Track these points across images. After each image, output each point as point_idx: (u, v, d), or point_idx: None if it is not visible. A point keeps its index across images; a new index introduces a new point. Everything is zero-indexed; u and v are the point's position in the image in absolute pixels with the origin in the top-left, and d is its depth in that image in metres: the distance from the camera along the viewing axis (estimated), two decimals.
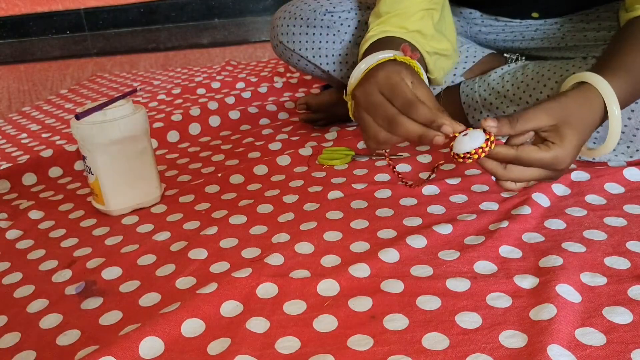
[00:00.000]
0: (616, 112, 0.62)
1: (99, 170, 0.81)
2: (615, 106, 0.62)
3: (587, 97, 0.62)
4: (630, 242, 0.63)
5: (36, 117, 1.47)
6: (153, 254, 0.71)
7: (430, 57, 0.81)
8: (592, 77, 0.62)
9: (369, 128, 0.62)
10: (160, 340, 0.53)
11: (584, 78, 0.63)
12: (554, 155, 0.59)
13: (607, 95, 0.61)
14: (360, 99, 0.62)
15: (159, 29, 3.01)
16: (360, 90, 0.63)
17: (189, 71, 1.85)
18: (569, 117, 0.59)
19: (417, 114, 0.58)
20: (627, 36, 0.69)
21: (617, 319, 0.51)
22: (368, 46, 0.79)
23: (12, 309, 0.63)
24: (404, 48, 0.67)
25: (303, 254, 0.67)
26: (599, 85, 0.62)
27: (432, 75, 0.84)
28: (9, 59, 2.64)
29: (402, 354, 0.49)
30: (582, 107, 0.61)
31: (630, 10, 0.71)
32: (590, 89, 0.62)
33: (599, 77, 0.62)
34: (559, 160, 0.59)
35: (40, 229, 0.82)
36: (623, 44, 0.68)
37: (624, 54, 0.66)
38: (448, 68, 0.90)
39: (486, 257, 0.62)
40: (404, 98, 0.59)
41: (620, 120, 0.62)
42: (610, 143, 0.65)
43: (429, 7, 0.82)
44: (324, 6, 1.02)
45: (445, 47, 0.85)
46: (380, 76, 0.61)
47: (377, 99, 0.61)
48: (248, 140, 1.10)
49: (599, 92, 0.62)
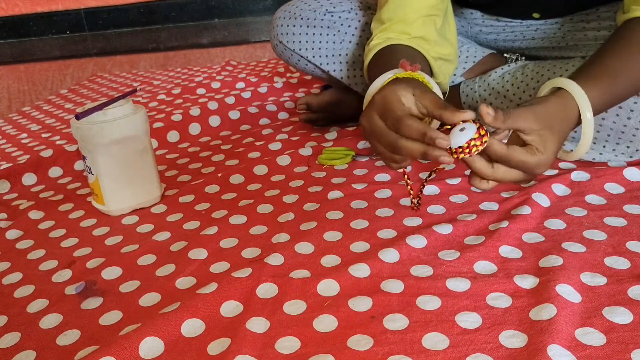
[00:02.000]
0: (588, 116, 0.63)
1: (99, 170, 0.81)
2: (587, 111, 0.63)
3: (565, 103, 0.63)
4: (630, 242, 0.63)
5: (36, 117, 1.47)
6: (153, 254, 0.71)
7: (435, 62, 0.82)
8: (566, 83, 0.64)
9: (381, 153, 0.62)
10: (160, 340, 0.53)
11: (559, 84, 0.65)
12: (538, 160, 0.59)
13: (581, 101, 0.62)
14: (365, 126, 0.62)
15: (159, 29, 3.01)
16: (363, 119, 0.63)
17: (189, 71, 1.85)
18: (552, 123, 0.60)
19: (408, 131, 0.57)
20: (618, 39, 0.70)
21: (617, 319, 0.51)
22: (372, 56, 0.79)
23: (12, 309, 0.63)
24: (402, 64, 0.66)
25: (303, 254, 0.67)
26: (572, 91, 0.63)
27: (438, 79, 0.84)
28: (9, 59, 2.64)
29: (402, 354, 0.49)
30: (560, 112, 0.62)
31: (627, 12, 0.71)
32: (567, 95, 0.63)
33: (572, 83, 0.63)
34: (540, 165, 0.60)
35: (40, 229, 0.82)
36: (612, 47, 0.69)
37: (609, 58, 0.67)
38: (451, 72, 0.91)
39: (486, 257, 0.62)
40: (393, 118, 0.58)
41: (592, 125, 0.63)
42: (584, 147, 0.65)
43: (431, 14, 0.82)
44: (324, 6, 1.02)
45: (449, 52, 0.85)
46: (377, 100, 0.61)
47: (376, 126, 0.61)
48: (248, 140, 1.10)
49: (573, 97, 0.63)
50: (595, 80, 0.65)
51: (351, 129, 1.07)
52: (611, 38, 0.71)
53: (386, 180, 0.85)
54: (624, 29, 0.71)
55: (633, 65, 0.67)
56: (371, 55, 0.80)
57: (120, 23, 3.09)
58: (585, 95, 0.63)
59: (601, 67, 0.66)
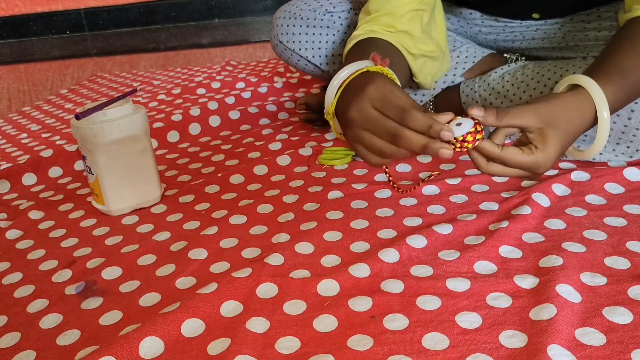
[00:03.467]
0: (605, 116, 0.62)
1: (99, 170, 0.81)
2: (605, 110, 0.62)
3: (579, 100, 0.62)
4: (630, 242, 0.63)
5: (36, 117, 1.47)
6: (153, 254, 0.71)
7: (415, 60, 0.81)
8: (585, 81, 0.63)
9: (371, 145, 0.60)
10: (160, 340, 0.53)
11: (577, 81, 0.64)
12: (535, 160, 0.59)
13: (598, 99, 0.62)
14: (355, 117, 0.60)
15: (159, 29, 3.01)
16: (354, 108, 0.60)
17: (189, 71, 1.85)
18: (555, 121, 0.60)
19: (413, 122, 0.56)
20: (623, 38, 0.69)
21: (617, 319, 0.51)
22: (351, 47, 0.79)
23: (12, 308, 0.63)
24: (373, 57, 0.65)
25: (303, 254, 0.67)
26: (590, 89, 0.62)
27: (417, 78, 0.84)
28: (9, 59, 2.64)
29: (402, 354, 0.49)
30: (571, 110, 0.61)
31: (629, 11, 0.71)
32: (583, 93, 0.62)
33: (591, 81, 0.62)
34: (539, 165, 0.60)
35: (40, 228, 0.82)
36: (619, 46, 0.68)
37: (619, 57, 0.66)
38: (436, 72, 0.89)
39: (486, 257, 0.62)
40: (397, 107, 0.57)
41: (608, 124, 0.63)
42: (598, 146, 0.65)
43: (419, 8, 0.81)
44: (323, 6, 1.02)
45: (432, 49, 0.84)
46: (369, 90, 0.59)
47: (372, 114, 0.59)
48: (248, 140, 1.10)
49: (591, 96, 0.62)
50: (609, 77, 0.64)
51: None
52: (616, 37, 0.70)
53: (386, 180, 0.85)
54: (628, 27, 0.70)
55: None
56: (350, 45, 0.79)
57: (120, 23, 3.08)
58: (603, 93, 0.62)
59: (611, 66, 0.65)
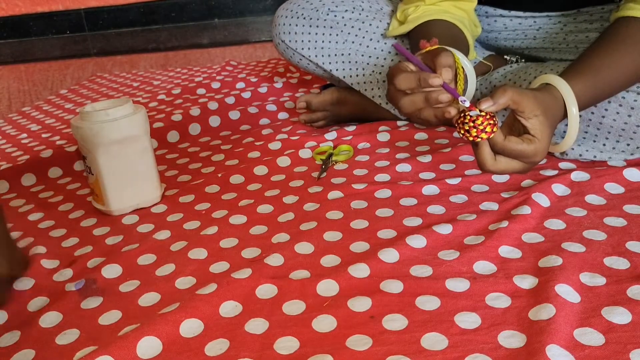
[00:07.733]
0: (574, 111, 0.68)
1: (99, 170, 0.81)
2: (573, 106, 0.67)
3: (554, 96, 0.67)
4: (630, 242, 0.63)
5: (36, 117, 1.47)
6: (153, 253, 0.71)
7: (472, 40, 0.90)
8: (553, 79, 0.69)
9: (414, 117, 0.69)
10: (158, 340, 0.53)
11: (548, 80, 0.69)
12: (535, 148, 0.64)
13: (567, 96, 0.67)
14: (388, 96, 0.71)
15: (159, 29, 3.01)
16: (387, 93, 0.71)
17: (189, 71, 1.85)
18: (549, 111, 0.65)
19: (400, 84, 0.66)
20: (603, 38, 0.73)
21: (616, 319, 0.51)
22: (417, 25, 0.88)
23: (11, 307, 0.63)
24: (421, 45, 0.73)
25: (303, 254, 0.67)
26: (559, 87, 0.68)
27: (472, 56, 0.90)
28: (9, 59, 2.64)
29: (401, 354, 0.49)
30: (551, 104, 0.67)
31: (621, 9, 0.72)
32: (554, 90, 0.68)
33: (559, 79, 0.68)
34: (537, 153, 0.64)
35: (40, 228, 0.82)
36: (596, 45, 0.72)
37: (593, 56, 0.71)
38: None
39: (486, 257, 0.62)
40: (390, 76, 0.68)
41: (577, 120, 0.68)
42: (569, 139, 0.71)
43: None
44: (326, 5, 1.01)
45: None
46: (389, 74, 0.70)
47: (391, 94, 0.70)
48: (248, 140, 1.10)
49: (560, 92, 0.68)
50: (579, 76, 0.69)
51: (351, 129, 1.07)
52: (599, 36, 0.74)
53: (386, 180, 0.85)
54: (612, 26, 0.73)
55: (615, 62, 0.70)
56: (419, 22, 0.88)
57: (120, 23, 3.08)
58: (571, 91, 0.67)
59: (585, 64, 0.70)
